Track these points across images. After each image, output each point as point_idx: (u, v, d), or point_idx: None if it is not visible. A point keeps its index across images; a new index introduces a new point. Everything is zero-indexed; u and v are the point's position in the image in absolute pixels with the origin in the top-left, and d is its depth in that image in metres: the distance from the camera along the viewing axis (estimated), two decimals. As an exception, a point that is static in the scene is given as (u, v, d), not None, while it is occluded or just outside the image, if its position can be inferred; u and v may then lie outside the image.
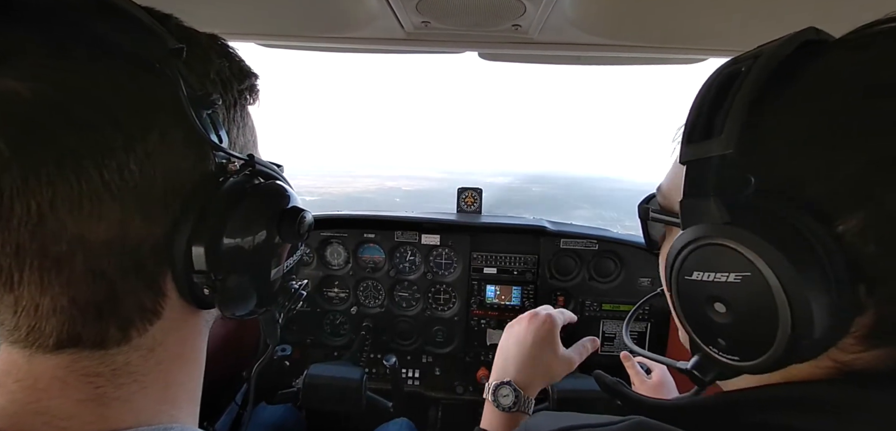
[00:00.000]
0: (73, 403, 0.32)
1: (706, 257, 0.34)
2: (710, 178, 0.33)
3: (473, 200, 1.76)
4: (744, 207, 0.32)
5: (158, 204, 0.32)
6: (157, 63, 0.32)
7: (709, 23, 0.82)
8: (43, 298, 0.29)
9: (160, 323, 0.35)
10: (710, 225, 0.33)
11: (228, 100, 0.40)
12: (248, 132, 0.44)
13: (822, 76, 0.31)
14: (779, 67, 0.32)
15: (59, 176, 0.28)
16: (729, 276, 0.32)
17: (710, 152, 0.33)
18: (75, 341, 0.31)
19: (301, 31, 0.94)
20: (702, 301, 0.35)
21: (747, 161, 0.32)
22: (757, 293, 0.30)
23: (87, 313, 0.31)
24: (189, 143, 0.34)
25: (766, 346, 0.31)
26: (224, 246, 0.35)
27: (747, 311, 0.32)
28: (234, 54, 0.41)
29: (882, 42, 0.30)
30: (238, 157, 0.39)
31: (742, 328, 0.33)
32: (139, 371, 0.34)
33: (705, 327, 0.35)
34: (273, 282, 0.42)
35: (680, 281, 0.36)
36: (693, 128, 0.35)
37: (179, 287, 0.35)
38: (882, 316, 0.30)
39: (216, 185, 0.36)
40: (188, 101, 0.33)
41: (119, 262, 0.31)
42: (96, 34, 0.30)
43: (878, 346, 0.31)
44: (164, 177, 0.32)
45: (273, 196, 0.41)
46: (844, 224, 0.29)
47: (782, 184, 0.31)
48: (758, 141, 0.32)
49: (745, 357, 0.33)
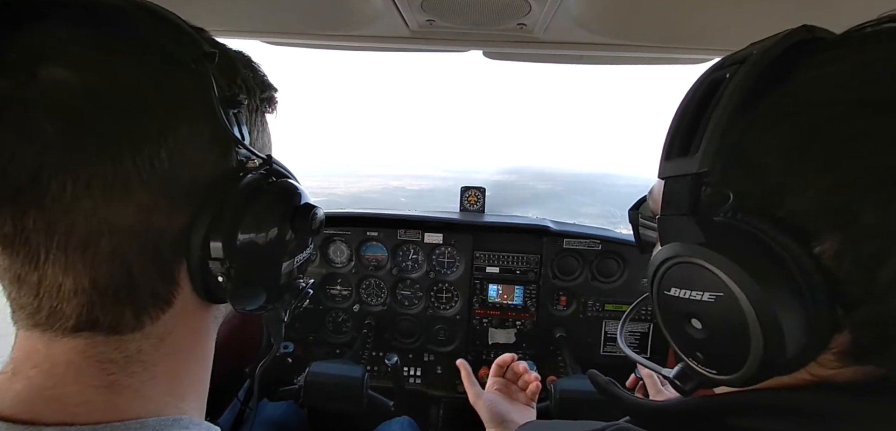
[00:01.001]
0: (86, 389, 0.33)
1: (682, 275, 0.34)
2: (686, 196, 0.33)
3: (476, 199, 1.76)
4: (720, 226, 0.32)
5: (183, 193, 0.34)
6: (193, 63, 0.35)
7: (714, 22, 0.82)
8: (66, 278, 0.31)
9: (171, 311, 0.36)
10: (685, 244, 0.33)
11: (252, 104, 0.43)
12: (266, 137, 0.47)
13: (800, 92, 0.31)
14: (759, 80, 0.31)
15: (96, 159, 0.30)
16: (703, 295, 0.32)
17: (686, 170, 0.33)
18: (93, 324, 0.32)
19: (306, 29, 0.95)
20: (679, 316, 0.35)
21: (725, 178, 0.33)
22: (730, 313, 0.31)
23: (105, 296, 0.32)
24: (215, 139, 0.36)
25: (740, 363, 0.31)
26: (239, 239, 0.37)
27: (721, 330, 0.32)
28: (258, 67, 0.45)
29: (860, 54, 0.30)
30: (258, 156, 0.41)
31: (717, 344, 0.33)
32: (150, 360, 0.36)
33: (684, 340, 0.36)
34: (283, 278, 0.43)
35: (660, 295, 0.37)
36: (671, 144, 0.35)
37: (193, 278, 0.37)
38: (860, 336, 0.30)
39: (236, 180, 0.38)
40: (218, 100, 0.35)
41: (140, 249, 0.33)
42: (139, 34, 0.33)
43: (856, 363, 0.31)
44: (190, 168, 0.35)
45: (287, 193, 0.43)
46: (821, 245, 0.28)
47: (760, 202, 0.31)
48: (735, 159, 0.32)
49: (722, 371, 0.34)
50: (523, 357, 1.63)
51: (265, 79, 0.45)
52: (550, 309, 1.64)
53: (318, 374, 1.27)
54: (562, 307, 1.65)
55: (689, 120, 0.34)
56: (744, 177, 0.32)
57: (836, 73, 0.30)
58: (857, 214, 0.27)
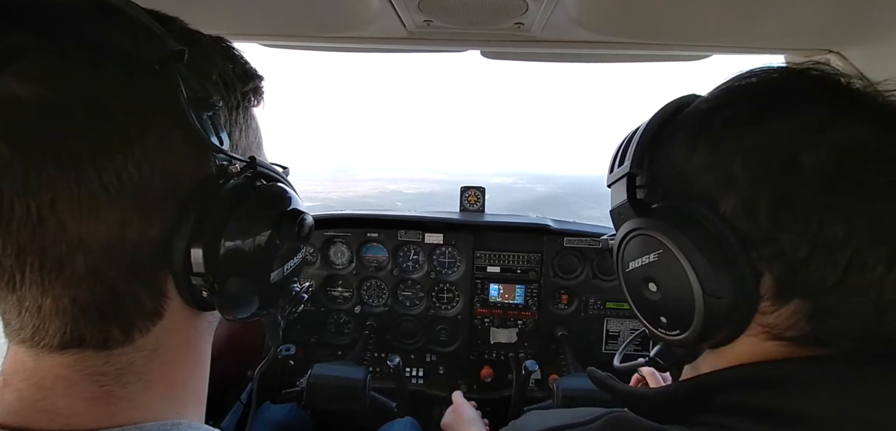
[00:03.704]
0: (79, 401, 0.32)
1: (633, 248, 0.44)
2: (624, 190, 0.46)
3: (476, 199, 1.76)
4: (654, 208, 0.44)
5: (157, 205, 0.32)
6: (157, 65, 0.32)
7: (711, 19, 0.82)
8: (44, 299, 0.30)
9: (162, 323, 0.35)
10: (631, 222, 0.45)
11: (231, 102, 0.40)
12: (251, 134, 0.44)
13: (688, 116, 0.44)
14: (662, 119, 0.46)
15: (58, 178, 0.28)
16: (650, 256, 0.42)
17: (622, 174, 0.47)
18: (79, 342, 0.31)
19: (303, 31, 0.95)
20: (639, 284, 0.44)
21: (651, 177, 0.46)
22: (671, 265, 0.40)
23: (89, 314, 0.31)
24: (189, 145, 0.34)
25: (691, 313, 0.39)
26: (222, 249, 0.35)
27: (667, 282, 0.41)
28: (239, 56, 0.42)
29: (719, 94, 0.43)
30: (239, 160, 0.39)
31: (670, 300, 0.42)
32: (143, 370, 0.35)
33: (647, 307, 0.45)
34: (273, 285, 0.41)
35: (624, 274, 0.47)
36: (611, 164, 0.51)
37: (180, 288, 0.35)
38: (777, 274, 0.37)
39: (216, 187, 0.36)
40: (188, 104, 0.33)
41: (119, 264, 0.31)
42: (97, 38, 0.31)
43: (786, 301, 0.38)
44: (162, 178, 0.32)
45: (273, 198, 0.41)
46: (724, 206, 0.38)
47: (678, 187, 0.43)
48: (655, 162, 0.46)
49: (683, 329, 0.41)
50: (525, 356, 1.64)
51: (248, 67, 0.42)
52: (552, 308, 1.64)
53: (321, 376, 1.27)
54: (563, 305, 1.65)
55: (622, 147, 0.49)
56: (664, 170, 0.45)
57: (698, 107, 0.44)
58: (735, 179, 0.37)
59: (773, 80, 0.41)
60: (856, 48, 0.86)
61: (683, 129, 0.43)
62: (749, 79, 0.42)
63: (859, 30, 0.82)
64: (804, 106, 0.38)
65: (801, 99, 0.39)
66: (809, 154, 0.35)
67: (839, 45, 0.88)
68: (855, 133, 0.36)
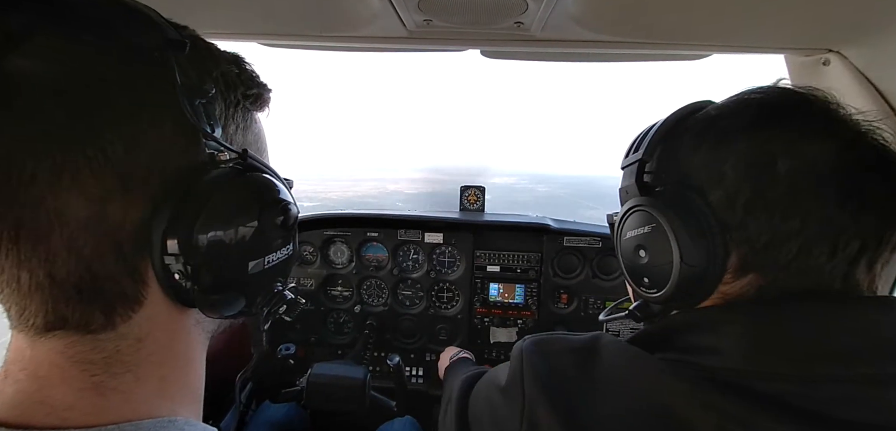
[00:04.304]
0: (72, 392, 0.33)
1: (632, 220, 0.54)
2: (634, 173, 0.55)
3: (476, 198, 1.76)
4: (655, 189, 0.54)
5: (140, 184, 0.33)
6: (156, 52, 0.34)
7: (711, 19, 0.82)
8: (21, 272, 0.31)
9: (144, 311, 0.35)
10: (634, 199, 0.54)
11: (230, 98, 0.41)
12: (250, 136, 0.44)
13: (696, 121, 0.52)
14: (670, 125, 0.54)
15: (43, 149, 0.29)
16: (644, 228, 0.52)
17: (635, 159, 0.56)
18: (63, 322, 0.32)
19: (303, 30, 0.95)
20: (632, 250, 0.55)
21: (659, 163, 0.55)
22: (659, 237, 0.50)
23: (67, 293, 0.32)
24: (179, 130, 0.35)
25: (668, 276, 0.49)
26: (196, 232, 0.34)
27: (655, 250, 0.51)
28: (246, 65, 0.43)
29: (728, 105, 0.52)
30: (231, 149, 0.38)
31: (654, 263, 0.52)
32: (132, 361, 0.35)
33: (636, 271, 0.55)
34: (251, 277, 0.39)
35: (622, 241, 0.57)
36: (628, 150, 0.59)
37: (157, 275, 0.35)
38: (740, 252, 0.47)
39: (200, 173, 0.36)
40: (181, 89, 0.34)
41: (96, 243, 0.32)
42: (102, 25, 0.32)
43: (744, 275, 0.47)
44: (149, 158, 0.33)
45: (254, 186, 0.40)
46: (712, 196, 0.47)
47: (679, 176, 0.52)
48: (665, 155, 0.55)
49: (660, 288, 0.51)
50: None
51: (254, 76, 0.43)
52: (552, 307, 1.64)
53: (320, 375, 1.27)
54: (563, 305, 1.65)
55: (639, 138, 0.58)
56: (669, 164, 0.54)
57: (708, 114, 0.52)
58: (725, 176, 0.47)
59: (773, 99, 0.49)
60: (855, 48, 0.86)
61: (692, 131, 0.51)
62: (753, 96, 0.50)
63: (859, 30, 0.82)
64: (790, 122, 0.46)
65: (789, 116, 0.47)
66: (785, 161, 0.44)
67: (839, 44, 0.88)
68: (822, 148, 0.44)
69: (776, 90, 0.50)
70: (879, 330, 0.42)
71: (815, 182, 0.43)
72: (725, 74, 53.10)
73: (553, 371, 0.53)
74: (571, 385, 0.51)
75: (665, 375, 0.46)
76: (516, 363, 0.57)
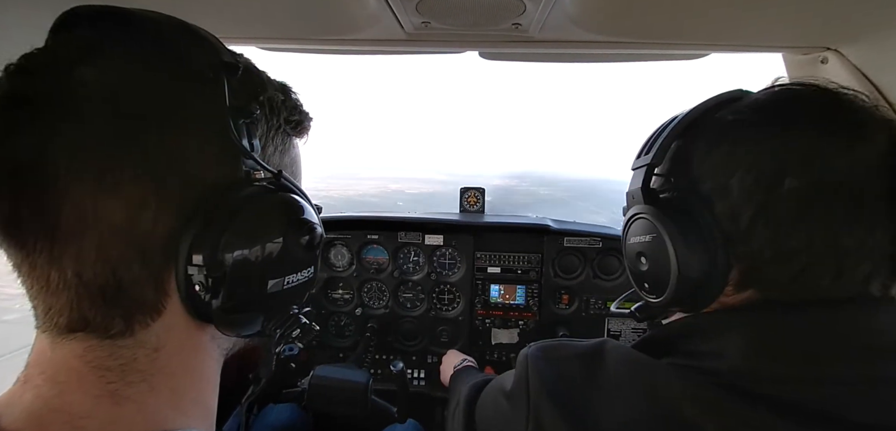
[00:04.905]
0: (89, 399, 0.33)
1: (636, 227, 0.54)
2: (642, 177, 0.54)
3: (476, 200, 1.76)
4: (662, 198, 0.53)
5: (175, 196, 0.34)
6: (210, 71, 0.36)
7: (709, 18, 0.82)
8: (52, 269, 0.32)
9: (162, 320, 0.36)
10: (639, 206, 0.54)
11: (273, 122, 0.43)
12: (287, 159, 0.46)
13: (707, 126, 0.50)
14: (689, 121, 0.52)
15: (91, 153, 0.31)
16: (646, 237, 0.52)
17: (644, 162, 0.54)
18: (84, 324, 0.33)
19: (302, 34, 0.95)
20: (635, 256, 0.55)
21: (669, 171, 0.54)
22: (659, 246, 0.49)
23: (91, 294, 0.33)
24: (222, 146, 0.36)
25: (666, 284, 0.49)
26: (223, 247, 0.35)
27: (655, 259, 0.51)
28: (293, 93, 0.46)
29: (738, 104, 0.50)
30: (266, 168, 0.39)
31: (654, 272, 0.52)
32: (147, 371, 0.35)
33: (638, 276, 0.56)
34: (269, 295, 0.39)
35: (626, 245, 0.57)
36: (640, 150, 0.57)
37: (180, 286, 0.36)
38: (742, 267, 0.47)
39: (233, 190, 0.37)
40: (229, 109, 0.35)
41: (125, 248, 0.33)
42: (164, 42, 0.36)
43: (743, 290, 0.48)
44: (188, 171, 0.35)
45: (284, 205, 0.40)
46: (718, 207, 0.47)
47: (687, 184, 0.51)
48: (674, 160, 0.54)
49: (658, 295, 0.52)
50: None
51: (298, 105, 0.46)
52: (553, 308, 1.64)
53: (323, 378, 1.27)
54: (564, 305, 1.65)
55: (651, 138, 0.56)
56: (679, 169, 0.53)
57: (725, 116, 0.50)
58: (731, 189, 0.46)
59: (797, 104, 0.48)
60: (854, 47, 0.86)
61: (707, 133, 0.50)
62: (767, 102, 0.49)
63: (858, 29, 0.82)
64: (801, 136, 0.44)
65: (802, 127, 0.45)
66: (794, 178, 0.43)
67: (837, 42, 0.88)
68: (834, 168, 0.42)
69: (808, 90, 0.48)
70: (881, 330, 0.42)
71: (826, 203, 0.42)
72: (725, 74, 52.41)
73: (559, 376, 0.53)
74: (577, 391, 0.51)
75: (672, 379, 0.46)
76: (522, 369, 0.58)
